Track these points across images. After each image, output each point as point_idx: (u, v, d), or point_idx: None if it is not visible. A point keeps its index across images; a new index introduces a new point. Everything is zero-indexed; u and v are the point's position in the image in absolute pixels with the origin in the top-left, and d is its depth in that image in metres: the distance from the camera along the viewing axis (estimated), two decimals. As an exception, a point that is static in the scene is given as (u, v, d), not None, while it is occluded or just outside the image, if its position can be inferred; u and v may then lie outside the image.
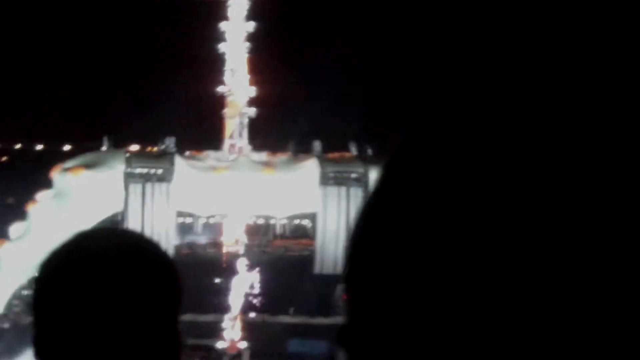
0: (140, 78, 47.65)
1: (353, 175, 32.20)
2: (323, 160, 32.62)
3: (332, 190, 32.15)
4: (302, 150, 33.66)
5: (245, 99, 37.49)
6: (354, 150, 33.19)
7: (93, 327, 2.18)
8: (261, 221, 33.16)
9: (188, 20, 47.55)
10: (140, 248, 2.34)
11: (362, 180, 31.91)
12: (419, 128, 0.82)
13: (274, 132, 37.43)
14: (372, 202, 0.83)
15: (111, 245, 2.33)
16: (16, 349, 29.77)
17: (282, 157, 33.74)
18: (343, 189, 32.14)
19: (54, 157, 36.46)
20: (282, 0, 43.16)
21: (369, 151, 32.78)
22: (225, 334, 31.31)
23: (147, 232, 30.92)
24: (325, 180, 32.17)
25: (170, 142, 33.01)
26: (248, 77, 37.79)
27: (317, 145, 33.30)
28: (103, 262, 2.22)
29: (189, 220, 33.05)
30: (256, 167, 32.51)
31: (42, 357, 2.26)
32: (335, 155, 33.26)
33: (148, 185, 32.05)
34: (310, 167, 32.38)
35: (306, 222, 33.07)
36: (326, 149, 33.47)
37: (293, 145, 33.90)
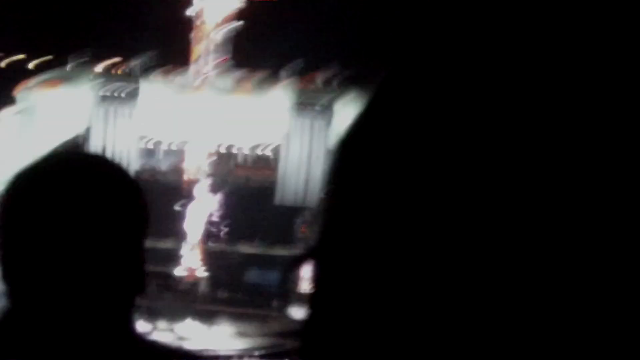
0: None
1: (317, 107, 31.92)
2: (298, 87, 32.14)
3: (297, 121, 31.92)
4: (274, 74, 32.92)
5: (219, 18, 36.66)
6: (322, 76, 32.66)
7: (59, 247, 2.21)
8: (224, 150, 33.00)
9: None
10: (108, 170, 2.38)
11: (326, 112, 31.66)
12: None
13: (256, 49, 36.60)
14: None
15: (78, 166, 2.37)
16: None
17: (247, 83, 33.30)
18: (307, 121, 31.94)
19: (19, 73, 36.02)
20: None
21: (339, 77, 32.19)
22: (183, 261, 31.41)
23: (109, 155, 30.88)
24: (292, 112, 31.92)
25: (136, 64, 32.68)
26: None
27: (296, 64, 32.55)
28: (70, 183, 2.25)
29: (150, 146, 32.83)
30: (222, 91, 32.22)
31: (8, 277, 2.30)
32: (312, 77, 32.71)
33: (112, 107, 31.82)
34: (280, 95, 32.10)
35: (269, 153, 32.94)
36: (302, 73, 32.70)
37: (274, 61, 33.16)
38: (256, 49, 35.28)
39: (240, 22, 34.99)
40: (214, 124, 31.52)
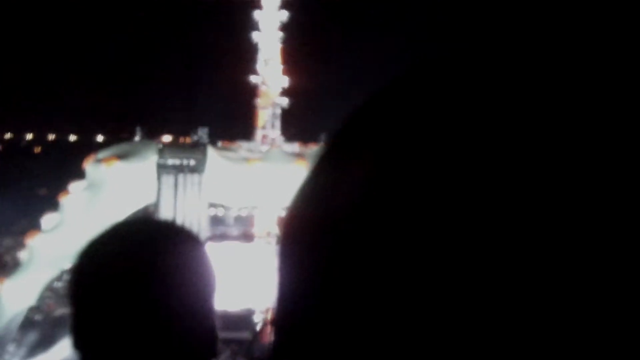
0: (172, 69, 47.71)
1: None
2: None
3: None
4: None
5: (278, 89, 37.25)
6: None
7: (131, 316, 2.18)
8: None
9: (221, 9, 47.57)
10: (176, 236, 2.34)
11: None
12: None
13: (306, 122, 37.30)
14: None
15: (146, 234, 2.33)
16: (49, 340, 29.92)
17: (314, 148, 33.53)
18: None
19: (87, 148, 36.55)
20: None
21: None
22: (256, 327, 31.26)
23: (179, 223, 30.98)
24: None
25: (202, 133, 32.89)
26: (281, 66, 37.53)
27: None
28: (140, 249, 2.24)
29: (220, 212, 32.99)
30: (288, 158, 32.32)
31: (80, 346, 2.26)
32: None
33: (180, 177, 31.98)
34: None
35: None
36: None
37: (325, 136, 33.63)
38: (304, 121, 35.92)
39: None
40: (281, 188, 31.49)
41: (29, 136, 50.81)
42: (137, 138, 33.77)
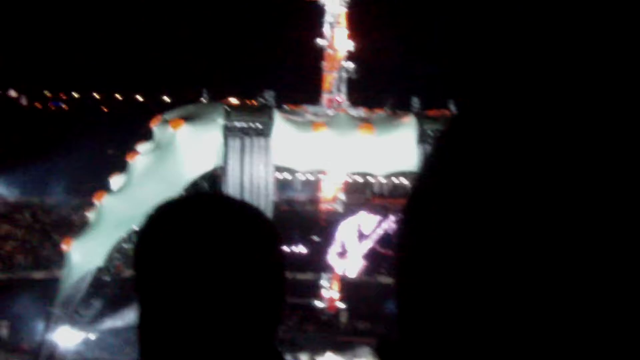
0: (238, 30, 47.60)
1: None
2: (421, 118, 32.11)
3: (430, 148, 31.63)
4: (400, 107, 33.21)
5: (344, 53, 37.03)
6: (452, 108, 32.63)
7: (198, 292, 2.21)
8: (359, 179, 32.85)
9: (287, -30, 47.28)
10: (246, 213, 2.35)
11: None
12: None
13: (371, 87, 37.06)
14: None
15: (216, 208, 2.34)
16: (117, 302, 30.26)
17: (380, 113, 33.30)
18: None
19: (154, 108, 36.64)
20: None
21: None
22: (323, 293, 31.31)
23: (246, 187, 30.98)
24: (423, 139, 31.68)
25: (269, 96, 32.78)
26: (347, 30, 37.27)
27: (415, 102, 32.78)
28: (210, 224, 2.25)
29: (287, 176, 32.92)
30: (354, 123, 32.12)
31: (146, 315, 2.29)
32: (434, 112, 32.72)
33: (247, 140, 31.89)
34: (409, 125, 31.90)
35: (405, 181, 32.64)
36: (424, 106, 32.98)
37: (391, 101, 33.44)
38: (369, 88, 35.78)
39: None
40: (348, 153, 31.36)
41: (97, 96, 51.14)
42: (203, 99, 33.71)
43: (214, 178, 31.58)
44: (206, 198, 2.52)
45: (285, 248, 2.44)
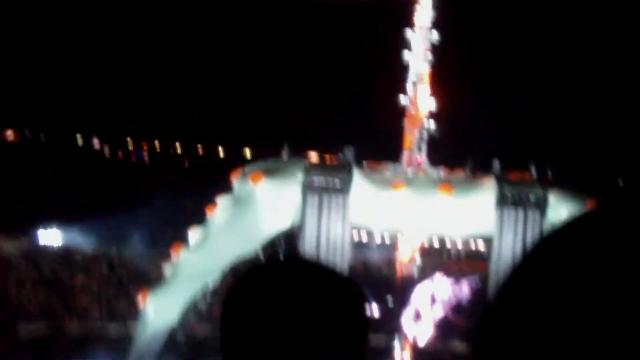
0: (320, 83, 47.79)
1: (532, 198, 31.16)
2: (501, 181, 31.68)
3: (509, 212, 31.16)
4: (480, 168, 32.84)
5: (426, 111, 36.79)
6: (533, 172, 32.12)
7: (286, 350, 2.23)
8: (436, 241, 32.47)
9: (370, 26, 47.43)
10: (328, 278, 2.39)
11: (540, 205, 30.87)
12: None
13: (452, 147, 36.74)
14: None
15: (306, 276, 2.36)
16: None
17: (459, 175, 32.95)
18: (520, 212, 31.12)
19: (234, 161, 36.81)
20: (467, 10, 42.41)
21: (549, 174, 31.68)
22: (395, 354, 30.96)
23: (323, 245, 30.81)
24: (502, 202, 31.23)
25: (348, 152, 32.69)
26: (429, 89, 37.04)
27: (495, 164, 32.38)
28: (298, 296, 2.29)
29: (363, 237, 32.65)
30: (434, 184, 31.84)
31: None
32: (514, 175, 32.26)
33: (325, 197, 31.78)
34: (488, 188, 31.50)
35: (481, 245, 32.18)
36: (504, 168, 32.56)
37: (471, 163, 33.09)
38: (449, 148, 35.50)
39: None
40: (426, 213, 31.05)
41: (179, 148, 51.78)
42: (284, 154, 33.75)
43: (291, 235, 31.50)
44: (294, 263, 2.53)
45: (368, 310, 2.46)
